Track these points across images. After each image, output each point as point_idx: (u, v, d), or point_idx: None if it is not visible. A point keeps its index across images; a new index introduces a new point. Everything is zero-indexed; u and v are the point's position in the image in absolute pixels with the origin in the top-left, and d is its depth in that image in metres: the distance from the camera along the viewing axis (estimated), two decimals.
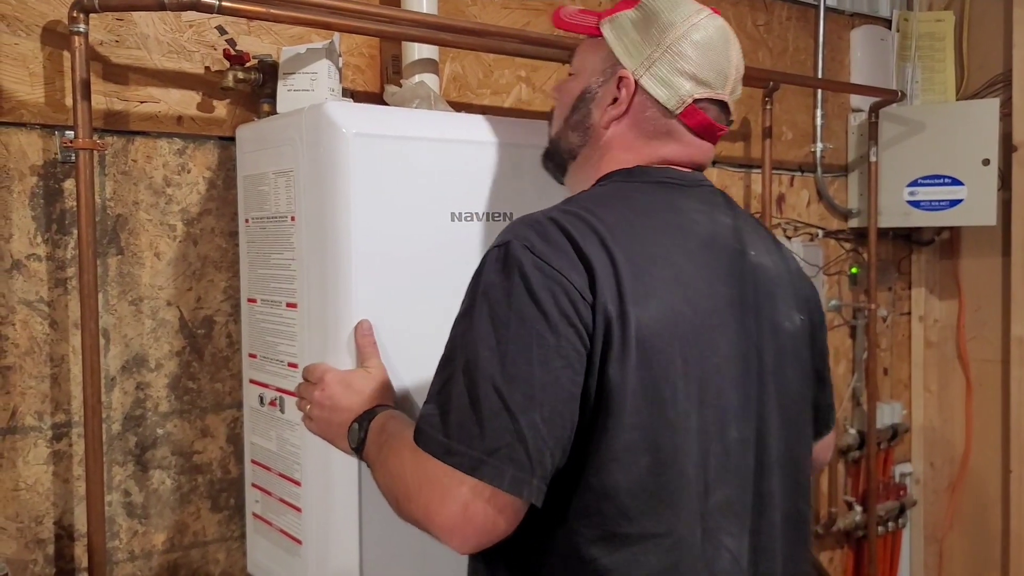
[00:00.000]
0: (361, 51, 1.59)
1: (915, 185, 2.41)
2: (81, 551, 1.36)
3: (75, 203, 1.29)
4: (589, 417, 0.86)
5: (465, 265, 1.23)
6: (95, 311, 1.29)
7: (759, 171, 2.23)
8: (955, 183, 2.36)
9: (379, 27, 1.42)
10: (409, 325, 1.20)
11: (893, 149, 2.43)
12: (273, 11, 1.29)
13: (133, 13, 1.36)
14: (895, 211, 2.44)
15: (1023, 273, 2.40)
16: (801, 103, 2.38)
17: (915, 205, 2.42)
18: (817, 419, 1.11)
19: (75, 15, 1.24)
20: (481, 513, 0.82)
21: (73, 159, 1.28)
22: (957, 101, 2.53)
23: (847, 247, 2.53)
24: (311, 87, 1.35)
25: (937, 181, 2.38)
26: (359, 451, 1.02)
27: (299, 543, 1.26)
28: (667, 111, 1.00)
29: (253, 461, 1.39)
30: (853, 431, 2.51)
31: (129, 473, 1.41)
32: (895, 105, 2.37)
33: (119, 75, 1.37)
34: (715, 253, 0.97)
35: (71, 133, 1.28)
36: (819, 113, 2.38)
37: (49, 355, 1.34)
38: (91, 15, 1.26)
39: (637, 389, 0.86)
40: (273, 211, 1.28)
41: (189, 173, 1.44)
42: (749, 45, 2.21)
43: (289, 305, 1.25)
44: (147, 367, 1.42)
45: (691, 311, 0.91)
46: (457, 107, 1.56)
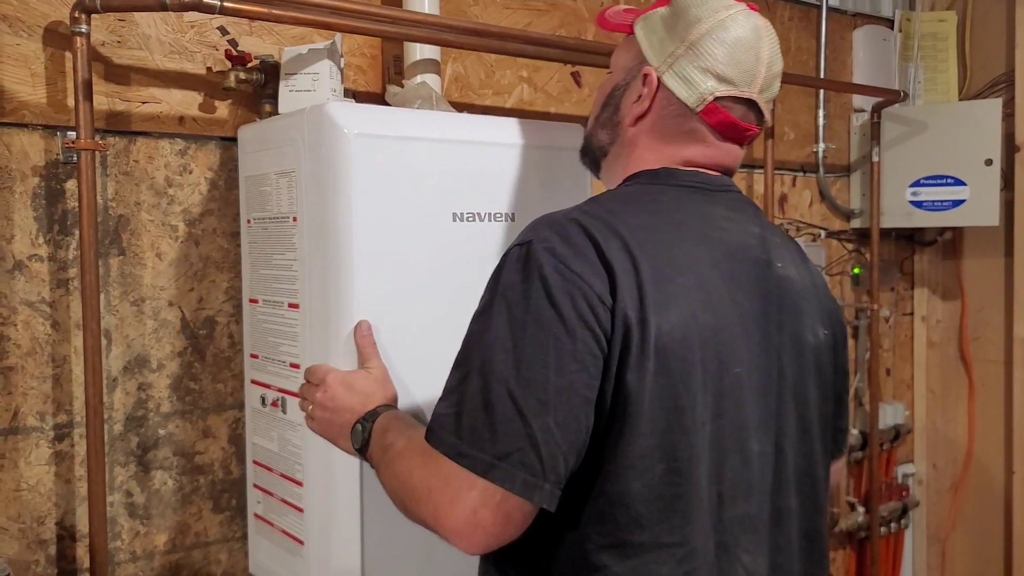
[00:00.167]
0: (363, 51, 1.59)
1: (917, 185, 2.41)
2: (83, 552, 1.36)
3: (77, 204, 1.29)
4: (605, 422, 0.85)
5: (467, 265, 1.25)
6: (97, 312, 1.29)
7: (761, 171, 2.23)
8: (957, 183, 2.35)
9: (381, 27, 1.42)
10: (411, 325, 1.20)
11: (895, 149, 2.42)
12: (275, 11, 1.29)
13: (135, 14, 1.37)
14: (897, 211, 2.44)
15: None
16: (803, 103, 2.38)
17: (917, 205, 2.41)
18: (832, 440, 1.08)
19: (77, 16, 1.24)
20: (491, 517, 0.82)
21: (75, 160, 1.28)
22: (959, 101, 2.53)
23: (849, 247, 2.53)
24: (313, 87, 1.35)
25: (939, 181, 2.38)
26: (362, 451, 1.02)
27: (301, 544, 1.26)
28: (688, 109, 0.98)
29: (255, 462, 1.39)
30: (855, 432, 2.51)
31: (131, 474, 1.41)
32: (897, 105, 2.37)
33: (121, 76, 1.37)
34: (741, 263, 0.95)
35: (73, 134, 1.28)
36: (821, 113, 2.38)
37: (51, 356, 1.34)
38: (93, 16, 1.26)
39: (655, 396, 0.85)
40: (275, 211, 1.28)
41: (191, 174, 1.44)
42: None
43: (291, 306, 1.25)
44: (149, 368, 1.42)
45: (713, 320, 0.90)
46: (459, 107, 1.56)
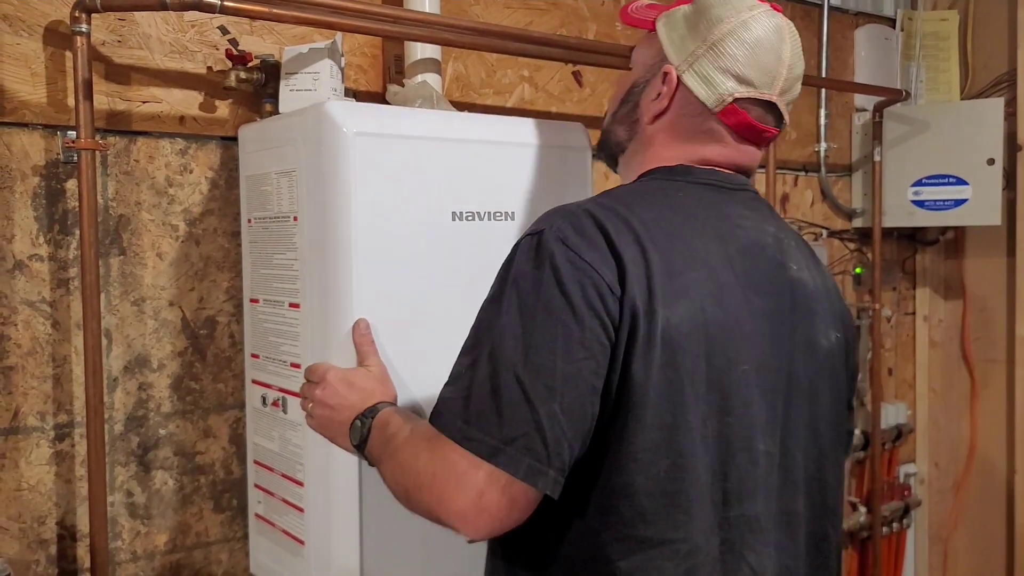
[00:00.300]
0: (364, 51, 1.59)
1: (919, 185, 2.40)
2: (83, 552, 1.36)
3: (77, 203, 1.29)
4: (610, 412, 0.85)
5: (466, 264, 1.25)
6: (97, 311, 1.29)
7: (763, 171, 2.22)
8: (959, 183, 2.35)
9: (381, 27, 1.42)
10: (411, 324, 1.20)
11: (897, 149, 2.42)
12: (275, 11, 1.29)
13: (135, 13, 1.36)
14: (899, 211, 2.44)
15: None
16: (805, 103, 2.37)
17: (919, 205, 2.41)
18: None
19: (77, 15, 1.24)
20: (495, 501, 0.82)
21: (75, 159, 1.28)
22: (961, 100, 2.52)
23: (851, 247, 2.53)
24: (313, 87, 1.34)
25: (941, 181, 2.38)
26: (361, 447, 1.02)
27: (301, 543, 1.26)
28: (707, 109, 0.99)
29: (255, 462, 1.38)
30: (857, 431, 2.51)
31: (131, 474, 1.41)
32: (899, 105, 2.36)
33: (121, 75, 1.37)
34: (755, 261, 0.95)
35: (73, 133, 1.27)
36: (823, 113, 2.38)
37: (51, 355, 1.34)
38: (93, 15, 1.26)
39: (660, 388, 0.85)
40: (275, 211, 1.28)
41: (191, 173, 1.44)
42: None
43: (292, 305, 1.25)
44: (149, 367, 1.42)
45: (722, 316, 0.90)
46: (460, 107, 1.56)
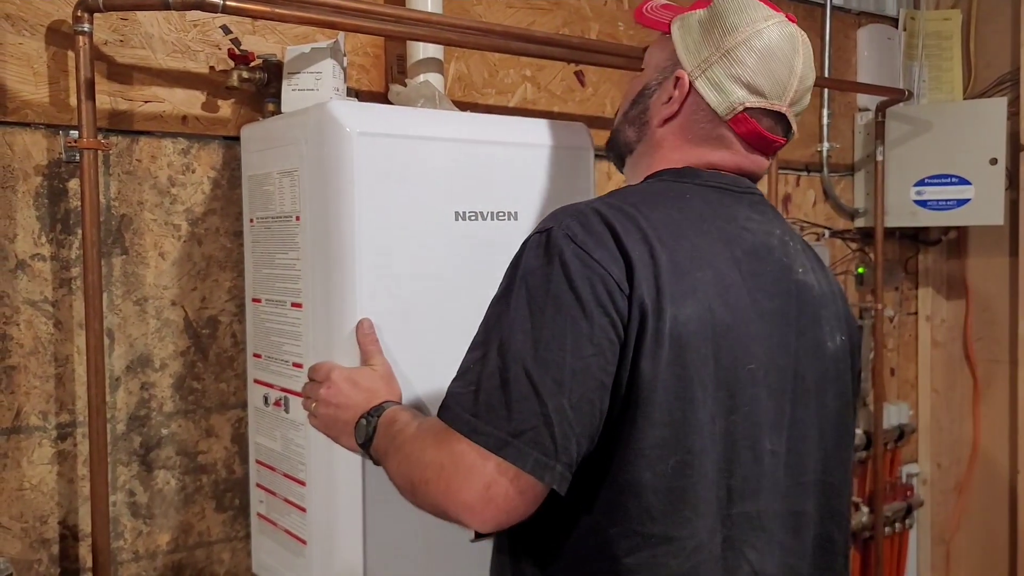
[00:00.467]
0: (366, 50, 1.59)
1: (922, 185, 2.40)
2: (85, 551, 1.36)
3: (79, 203, 1.29)
4: (619, 409, 0.86)
5: (469, 264, 1.25)
6: (99, 311, 1.29)
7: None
8: (962, 182, 2.35)
9: (384, 26, 1.42)
10: (414, 324, 1.20)
11: (900, 148, 2.42)
12: (278, 10, 1.29)
13: (137, 12, 1.36)
14: (902, 211, 2.43)
15: None
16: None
17: (922, 205, 2.41)
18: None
19: (79, 14, 1.24)
20: (503, 493, 0.82)
21: (77, 159, 1.28)
22: (964, 100, 2.52)
23: (853, 247, 2.53)
24: (316, 87, 1.34)
25: (944, 180, 2.37)
26: (366, 446, 1.02)
27: (304, 543, 1.26)
28: (717, 116, 0.99)
29: (258, 461, 1.38)
30: (859, 431, 2.50)
31: (133, 473, 1.41)
32: (902, 104, 2.36)
33: (123, 75, 1.37)
34: (762, 263, 0.96)
35: (75, 133, 1.27)
36: (825, 112, 2.37)
37: (54, 355, 1.34)
38: (95, 14, 1.26)
39: (668, 386, 0.86)
40: (278, 211, 1.28)
41: (194, 173, 1.44)
42: None
43: (294, 305, 1.25)
44: (151, 367, 1.42)
45: (729, 315, 0.90)
46: (462, 106, 1.56)
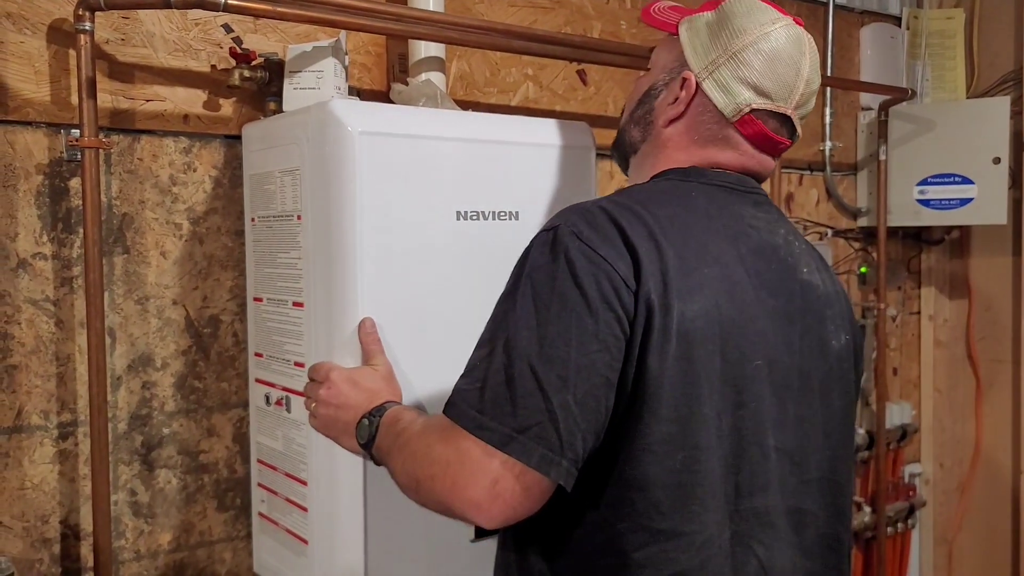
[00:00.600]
0: (367, 49, 1.59)
1: (925, 184, 2.40)
2: (87, 550, 1.36)
3: (81, 202, 1.29)
4: (625, 405, 0.86)
5: (471, 263, 1.25)
6: (101, 310, 1.28)
7: None
8: (965, 182, 2.34)
9: (385, 25, 1.41)
10: (415, 323, 1.20)
11: (903, 148, 2.41)
12: (279, 9, 1.28)
13: (139, 11, 1.36)
14: (905, 210, 2.43)
15: None
16: None
17: (925, 204, 2.40)
18: None
19: (81, 13, 1.24)
20: (509, 489, 0.83)
21: (79, 158, 1.28)
22: (967, 99, 2.51)
23: (856, 246, 2.52)
24: (317, 85, 1.34)
25: (947, 180, 2.37)
26: (368, 446, 1.01)
27: (305, 543, 1.25)
28: (723, 117, 1.00)
29: (259, 461, 1.38)
30: (862, 431, 2.50)
31: (135, 472, 1.41)
32: (905, 103, 2.35)
33: (125, 73, 1.37)
34: (767, 261, 0.97)
35: (77, 132, 1.27)
36: (828, 111, 2.37)
37: (55, 354, 1.34)
38: (97, 13, 1.26)
39: (676, 381, 0.86)
40: (279, 210, 1.28)
41: (195, 172, 1.44)
42: None
43: (295, 304, 1.25)
44: (153, 366, 1.42)
45: (735, 312, 0.91)
46: (464, 105, 1.56)
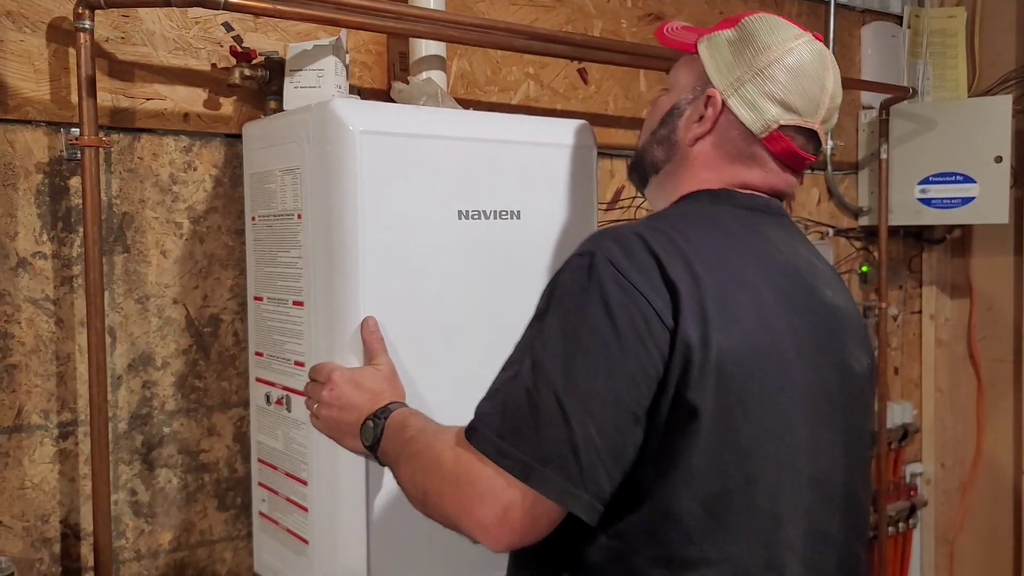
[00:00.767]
0: (368, 48, 1.58)
1: (926, 183, 2.39)
2: (87, 550, 1.36)
3: (81, 201, 1.29)
4: (660, 440, 0.85)
5: (472, 263, 1.24)
6: (101, 309, 1.28)
7: None
8: (967, 181, 2.34)
9: (386, 23, 1.41)
10: (416, 323, 1.20)
11: (904, 146, 2.41)
12: (280, 7, 1.28)
13: (139, 9, 1.36)
14: (906, 209, 2.42)
15: None
16: None
17: (926, 203, 2.40)
18: None
19: (80, 11, 1.24)
20: (519, 518, 0.82)
21: (79, 156, 1.28)
22: (969, 98, 2.51)
23: (857, 245, 2.52)
24: (318, 84, 1.34)
25: (949, 179, 2.36)
26: (374, 449, 1.01)
27: (306, 543, 1.25)
28: (751, 135, 0.99)
29: (260, 460, 1.38)
30: None
31: (135, 472, 1.41)
32: (906, 102, 2.35)
33: (125, 72, 1.36)
34: (794, 285, 0.96)
35: (76, 130, 1.27)
36: None
37: (55, 353, 1.33)
38: (96, 11, 1.26)
39: (713, 414, 0.85)
40: (280, 209, 1.27)
41: (195, 171, 1.44)
42: None
43: (296, 303, 1.24)
44: (153, 365, 1.42)
45: (769, 339, 0.90)
46: (464, 104, 1.56)
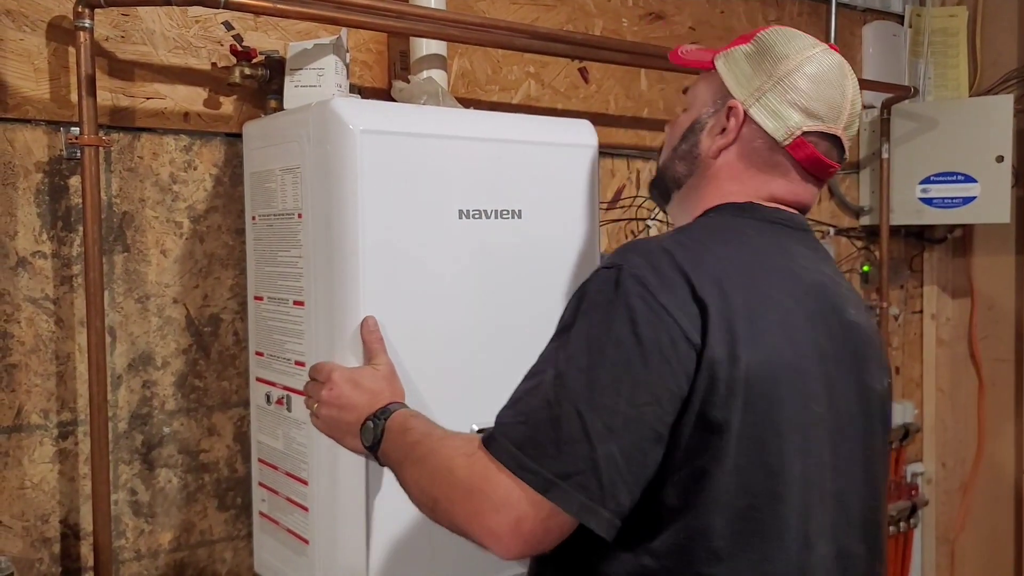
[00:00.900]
0: (369, 47, 1.58)
1: (928, 182, 2.39)
2: (87, 550, 1.36)
3: (81, 200, 1.29)
4: (684, 458, 0.84)
5: (473, 262, 1.24)
6: (101, 309, 1.28)
7: None
8: (968, 180, 2.33)
9: (387, 22, 1.41)
10: (417, 323, 1.19)
11: (905, 146, 2.41)
12: (280, 6, 1.28)
13: (139, 8, 1.35)
14: (907, 209, 2.42)
15: None
16: None
17: (928, 203, 2.39)
18: None
19: (80, 10, 1.24)
20: (531, 529, 0.82)
21: (78, 155, 1.27)
22: (970, 97, 2.51)
23: (859, 245, 2.51)
24: (318, 83, 1.34)
25: (950, 178, 2.36)
26: (374, 449, 1.01)
27: (306, 543, 1.25)
28: (775, 143, 0.99)
29: (260, 460, 1.38)
30: None
31: (135, 472, 1.41)
32: (907, 101, 2.35)
33: (125, 71, 1.36)
34: (818, 303, 0.96)
35: (76, 129, 1.27)
36: None
37: (55, 353, 1.33)
38: (96, 10, 1.25)
39: (741, 432, 0.84)
40: (280, 208, 1.27)
41: (195, 170, 1.44)
42: None
43: (296, 303, 1.24)
44: (153, 365, 1.42)
45: (795, 357, 0.90)
46: (465, 103, 1.55)
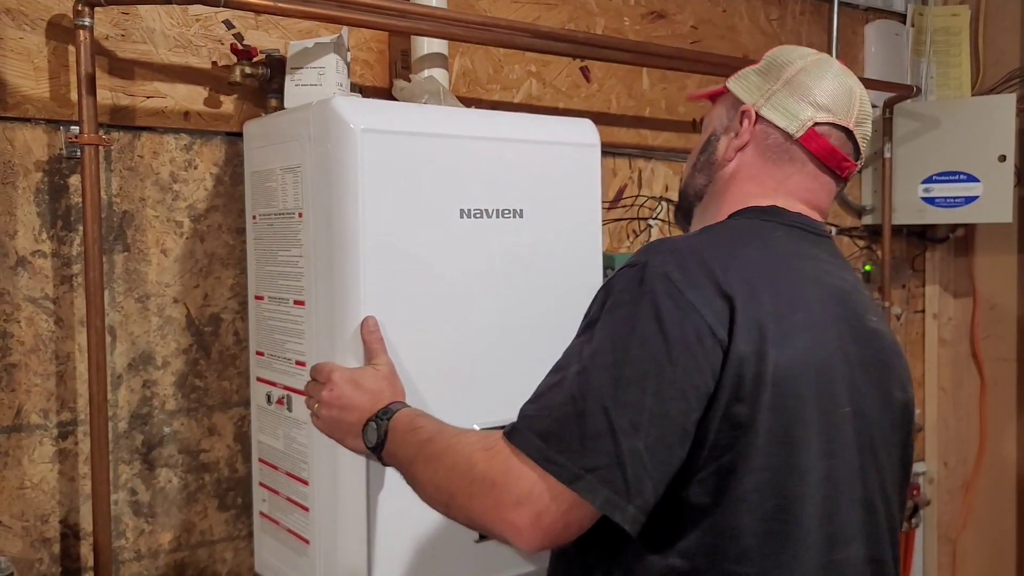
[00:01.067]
0: (370, 46, 1.58)
1: (930, 182, 2.38)
2: (87, 550, 1.36)
3: (80, 199, 1.28)
4: (710, 455, 0.84)
5: (474, 262, 1.24)
6: (101, 308, 1.28)
7: None
8: (970, 179, 2.33)
9: (388, 21, 1.40)
10: (418, 322, 1.19)
11: (908, 145, 2.40)
12: (281, 5, 1.28)
13: (139, 7, 1.35)
14: (909, 208, 2.42)
15: None
16: None
17: (930, 202, 2.39)
18: None
19: (80, 9, 1.23)
20: (550, 522, 0.82)
21: (78, 155, 1.27)
22: (972, 96, 2.50)
23: (861, 244, 2.51)
24: (319, 82, 1.33)
25: (952, 178, 2.35)
26: (378, 449, 1.00)
27: (306, 543, 1.25)
28: (788, 136, 1.02)
29: (260, 460, 1.38)
30: None
31: (135, 472, 1.40)
32: (909, 101, 2.34)
33: (125, 70, 1.36)
34: (843, 309, 0.96)
35: (76, 128, 1.26)
36: None
37: (55, 353, 1.33)
38: (96, 9, 1.25)
39: (769, 430, 0.84)
40: (280, 207, 1.27)
41: (196, 169, 1.43)
42: (762, 40, 2.18)
43: (296, 303, 1.24)
44: (154, 365, 1.41)
45: (824, 359, 0.90)
46: (466, 102, 1.55)
